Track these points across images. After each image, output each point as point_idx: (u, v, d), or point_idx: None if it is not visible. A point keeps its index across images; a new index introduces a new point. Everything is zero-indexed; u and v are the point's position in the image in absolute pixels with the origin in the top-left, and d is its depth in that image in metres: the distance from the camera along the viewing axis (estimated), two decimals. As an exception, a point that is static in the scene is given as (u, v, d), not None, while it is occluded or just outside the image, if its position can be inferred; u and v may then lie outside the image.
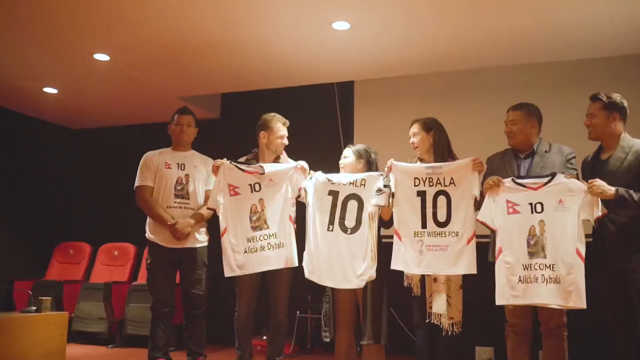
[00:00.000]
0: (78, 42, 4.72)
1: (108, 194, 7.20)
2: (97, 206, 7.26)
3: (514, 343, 3.43)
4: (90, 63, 5.12)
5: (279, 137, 3.92)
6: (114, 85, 5.79)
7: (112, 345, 5.74)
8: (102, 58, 5.02)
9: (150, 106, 6.42)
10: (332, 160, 4.17)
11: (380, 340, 3.53)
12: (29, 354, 4.07)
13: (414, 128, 3.67)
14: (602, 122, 3.28)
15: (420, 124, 3.65)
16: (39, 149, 7.09)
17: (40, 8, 4.17)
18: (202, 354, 4.05)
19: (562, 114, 4.66)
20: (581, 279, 3.09)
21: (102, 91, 5.99)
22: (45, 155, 7.18)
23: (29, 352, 4.07)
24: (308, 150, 4.20)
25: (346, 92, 6.04)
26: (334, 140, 5.90)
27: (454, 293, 3.45)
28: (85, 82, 5.75)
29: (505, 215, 3.30)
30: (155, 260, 4.02)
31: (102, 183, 7.30)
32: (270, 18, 4.34)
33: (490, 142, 3.99)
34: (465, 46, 4.80)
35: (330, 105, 6.05)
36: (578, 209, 3.14)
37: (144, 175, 4.13)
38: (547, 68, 5.28)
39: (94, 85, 5.82)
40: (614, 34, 4.52)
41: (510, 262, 3.25)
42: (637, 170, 3.14)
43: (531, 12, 4.18)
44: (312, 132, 5.70)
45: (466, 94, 5.56)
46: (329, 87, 5.98)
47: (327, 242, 3.61)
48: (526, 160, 3.48)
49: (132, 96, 6.13)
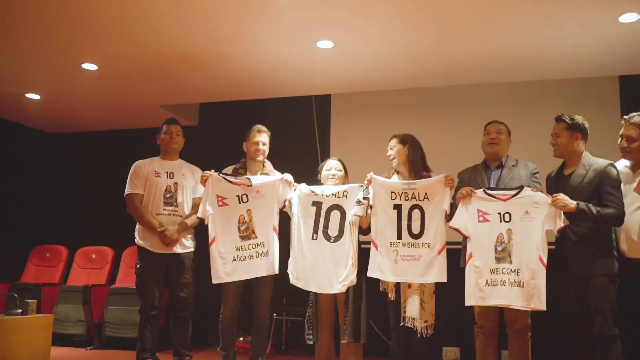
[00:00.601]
0: (68, 51, 4.81)
1: (85, 197, 7.23)
2: (74, 210, 7.26)
3: (483, 343, 3.64)
4: (78, 71, 5.21)
5: (253, 143, 4.10)
6: (99, 93, 5.87)
7: (90, 347, 5.78)
8: (90, 67, 5.13)
9: (132, 113, 6.50)
10: (309, 169, 4.36)
11: (360, 339, 3.74)
12: (15, 356, 4.10)
13: (391, 142, 3.89)
14: (566, 141, 3.50)
15: (398, 138, 3.88)
16: (16, 152, 7.05)
17: (32, 19, 4.25)
18: (188, 354, 4.16)
19: (528, 130, 4.91)
20: (542, 283, 3.34)
21: (87, 98, 6.05)
22: (22, 158, 7.15)
23: (15, 354, 4.10)
24: (285, 160, 4.37)
25: (323, 104, 6.20)
26: (311, 151, 6.07)
27: (428, 298, 3.68)
28: (71, 89, 5.82)
29: (476, 223, 3.53)
30: (145, 265, 4.11)
31: (79, 187, 7.31)
32: (259, 36, 4.52)
33: (462, 156, 4.24)
34: (439, 65, 5.05)
35: (307, 117, 6.20)
36: (542, 220, 3.39)
37: (134, 183, 4.21)
38: (515, 87, 5.56)
39: (79, 93, 5.88)
40: (577, 58, 4.84)
41: (479, 266, 3.49)
42: (596, 186, 3.36)
43: (501, 35, 4.46)
44: (289, 142, 5.82)
45: (439, 110, 5.78)
46: (307, 99, 6.13)
47: (312, 250, 3.80)
48: (496, 172, 3.71)
49: (114, 103, 6.20)
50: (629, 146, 3.46)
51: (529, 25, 4.29)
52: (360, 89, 5.76)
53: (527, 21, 4.23)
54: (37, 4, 4.04)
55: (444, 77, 5.36)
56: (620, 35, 4.38)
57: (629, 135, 3.45)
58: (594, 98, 5.34)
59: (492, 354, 3.63)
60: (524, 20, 4.21)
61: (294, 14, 4.15)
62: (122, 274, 6.28)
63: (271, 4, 4.01)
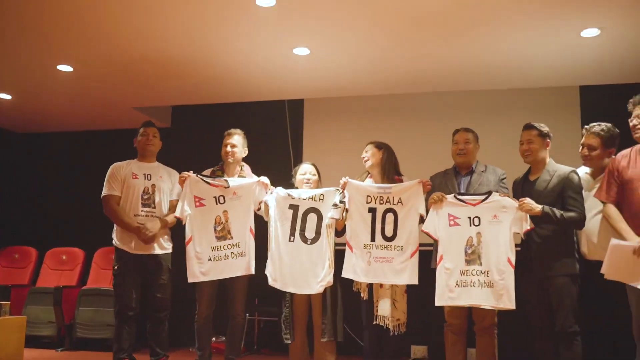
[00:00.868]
0: (44, 53, 4.82)
1: (55, 198, 7.16)
2: (43, 211, 7.19)
3: (452, 341, 3.80)
4: (53, 73, 5.21)
5: (224, 146, 4.17)
6: (73, 94, 5.87)
7: (61, 348, 5.74)
8: (65, 69, 5.14)
9: (104, 114, 6.51)
10: (282, 173, 4.45)
11: (337, 337, 3.87)
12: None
13: (367, 147, 4.03)
14: (538, 148, 3.65)
15: (374, 144, 4.02)
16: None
17: (9, 21, 4.26)
18: (165, 354, 4.19)
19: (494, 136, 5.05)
20: (511, 283, 3.50)
21: (60, 99, 6.05)
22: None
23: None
24: (258, 163, 4.43)
25: (296, 109, 6.28)
26: (284, 155, 6.15)
27: (400, 297, 3.82)
28: (45, 90, 5.80)
29: (447, 227, 3.67)
30: (122, 266, 4.13)
31: (49, 188, 7.25)
32: (237, 42, 4.62)
33: (431, 160, 4.41)
34: (410, 73, 5.23)
35: (280, 121, 6.27)
36: (510, 223, 3.54)
37: (111, 185, 4.22)
38: (482, 95, 5.76)
39: (53, 93, 5.87)
40: (540, 69, 5.07)
41: (449, 268, 3.63)
42: (560, 191, 3.53)
43: (469, 47, 4.65)
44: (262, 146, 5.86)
45: (410, 116, 5.94)
46: (280, 103, 6.22)
47: (289, 252, 3.89)
48: (466, 178, 3.86)
49: (88, 104, 6.20)
50: (589, 154, 3.64)
51: (496, 37, 4.49)
52: (333, 94, 5.88)
53: (494, 33, 4.43)
54: (15, 7, 4.05)
55: (415, 85, 5.54)
56: (581, 48, 4.61)
57: (590, 144, 3.63)
58: (556, 106, 5.57)
59: (460, 350, 3.79)
60: (491, 32, 4.41)
61: (272, 21, 4.25)
62: (94, 275, 6.24)
63: (250, 12, 4.10)
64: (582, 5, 3.98)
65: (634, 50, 4.65)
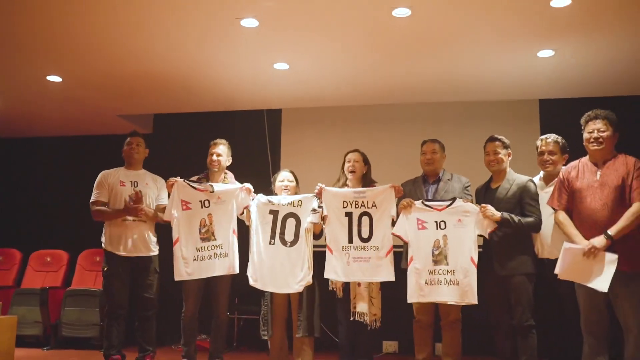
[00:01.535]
0: (34, 64, 5.00)
1: (39, 201, 7.22)
2: (28, 213, 7.25)
3: (420, 335, 4.05)
4: (43, 83, 5.38)
5: (209, 155, 4.37)
6: (61, 102, 6.01)
7: (47, 347, 5.85)
8: (55, 79, 5.32)
9: (90, 121, 6.64)
10: (261, 179, 4.65)
11: (314, 333, 4.10)
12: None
13: (354, 156, 4.22)
14: (504, 158, 3.95)
15: (362, 155, 4.24)
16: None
17: (2, 34, 4.43)
18: (152, 350, 4.37)
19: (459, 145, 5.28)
20: (474, 281, 3.78)
21: (49, 107, 6.18)
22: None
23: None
24: (237, 171, 4.60)
25: (274, 118, 6.47)
26: (263, 162, 6.32)
27: (375, 294, 4.08)
28: (34, 98, 5.95)
29: (416, 231, 3.93)
30: (112, 268, 4.28)
31: (32, 191, 7.30)
32: (220, 58, 4.87)
33: (401, 168, 4.66)
34: (383, 85, 5.51)
35: (259, 129, 6.45)
36: (473, 226, 3.83)
37: (99, 191, 4.36)
38: (449, 106, 6.04)
39: (41, 102, 6.02)
40: (502, 83, 5.41)
41: (419, 268, 3.89)
42: (519, 198, 3.84)
43: (437, 62, 4.95)
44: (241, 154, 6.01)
45: (382, 125, 6.18)
46: (259, 112, 6.41)
47: (270, 254, 4.12)
48: (433, 186, 4.13)
49: (75, 112, 6.34)
50: (551, 159, 3.96)
51: (461, 55, 4.82)
52: (310, 104, 6.13)
53: (460, 53, 4.76)
54: (7, 22, 4.23)
55: (387, 96, 5.82)
56: (539, 67, 4.96)
57: (551, 150, 3.96)
58: (517, 118, 5.90)
59: (428, 343, 4.05)
60: (457, 51, 4.74)
61: (255, 40, 4.50)
62: (78, 276, 6.37)
63: (235, 32, 4.34)
64: (538, 29, 4.33)
65: (586, 69, 5.03)
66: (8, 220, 7.28)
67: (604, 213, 3.34)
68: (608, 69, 5.02)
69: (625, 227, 3.24)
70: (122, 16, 4.21)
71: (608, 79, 5.24)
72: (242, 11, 4.10)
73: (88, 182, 4.50)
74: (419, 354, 4.04)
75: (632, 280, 3.25)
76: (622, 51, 4.67)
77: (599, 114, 3.47)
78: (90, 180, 4.49)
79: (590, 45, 4.59)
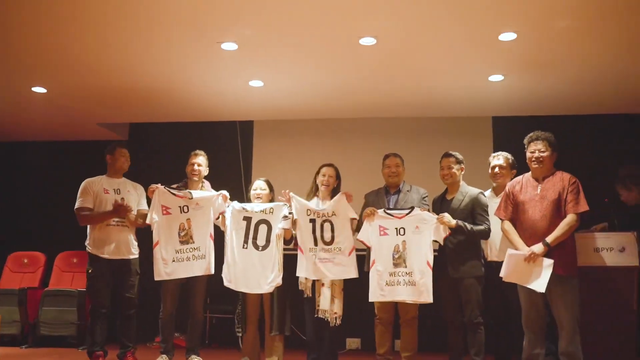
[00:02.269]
0: (20, 76, 5.17)
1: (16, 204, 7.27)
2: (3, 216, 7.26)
3: (381, 332, 4.32)
4: (28, 93, 5.55)
5: (190, 164, 4.62)
6: (45, 112, 6.14)
7: (25, 345, 5.93)
8: (40, 90, 5.48)
9: (70, 128, 6.77)
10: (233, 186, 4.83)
11: (284, 331, 4.36)
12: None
13: (329, 171, 4.48)
14: (457, 173, 4.27)
15: (336, 171, 4.49)
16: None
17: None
18: (132, 346, 4.56)
19: (417, 158, 5.52)
20: (430, 282, 4.07)
21: (33, 115, 6.29)
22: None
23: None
24: (211, 177, 4.81)
25: (247, 129, 6.66)
26: (235, 170, 6.52)
27: (338, 294, 4.33)
28: (20, 108, 6.11)
29: (378, 237, 4.23)
30: (96, 270, 4.46)
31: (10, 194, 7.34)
32: (199, 74, 5.11)
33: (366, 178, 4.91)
34: (349, 101, 5.81)
35: (232, 139, 6.64)
36: (429, 233, 4.12)
37: (84, 198, 4.51)
38: (408, 122, 6.33)
39: (27, 111, 6.16)
40: (457, 102, 5.74)
41: (380, 270, 4.18)
42: (471, 208, 4.15)
43: (397, 81, 5.26)
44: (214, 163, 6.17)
45: (348, 137, 6.45)
46: (232, 123, 6.61)
47: (243, 257, 4.37)
48: (394, 196, 4.43)
49: (57, 120, 6.46)
50: (500, 172, 4.34)
51: (421, 77, 5.17)
52: (280, 117, 6.38)
53: (420, 75, 5.12)
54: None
55: (353, 111, 6.12)
56: (491, 88, 5.33)
57: (501, 165, 4.34)
58: (472, 133, 6.22)
59: (388, 339, 4.34)
60: (417, 73, 5.11)
61: (233, 61, 4.77)
62: (55, 277, 6.46)
63: (215, 53, 4.61)
64: (489, 58, 4.73)
65: (533, 92, 5.43)
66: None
67: (543, 223, 3.69)
68: (553, 92, 5.42)
69: (560, 235, 3.61)
70: (110, 36, 4.41)
71: (553, 100, 5.64)
72: (223, 36, 4.36)
73: (66, 186, 4.62)
74: (380, 349, 4.31)
75: (566, 282, 3.62)
76: (564, 78, 5.07)
77: (539, 135, 3.81)
78: (68, 184, 4.61)
79: (535, 72, 4.98)
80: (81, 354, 5.31)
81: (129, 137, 7.19)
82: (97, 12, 4.00)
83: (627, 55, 4.57)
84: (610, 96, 5.49)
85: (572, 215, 3.65)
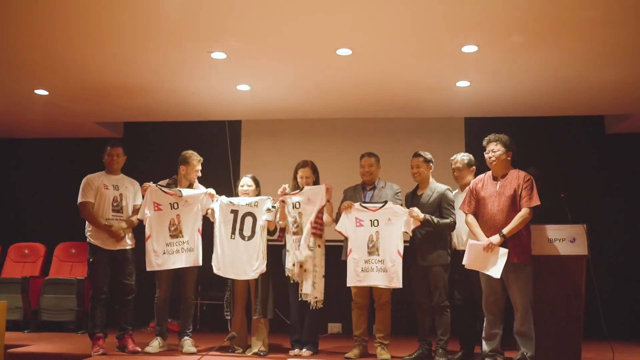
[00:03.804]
0: (24, 79, 5.37)
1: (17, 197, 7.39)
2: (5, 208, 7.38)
3: (357, 315, 4.63)
4: (30, 96, 5.74)
5: (195, 171, 4.84)
6: (46, 112, 6.31)
7: (28, 330, 6.12)
8: (42, 93, 5.66)
9: (69, 126, 6.93)
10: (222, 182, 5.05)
11: (267, 315, 4.63)
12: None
13: (305, 172, 4.70)
14: (425, 171, 4.55)
15: (311, 168, 4.71)
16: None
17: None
18: (130, 329, 4.76)
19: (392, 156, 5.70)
20: (400, 269, 4.36)
21: (35, 115, 6.46)
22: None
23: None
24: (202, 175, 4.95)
25: (235, 128, 6.85)
26: (224, 167, 6.69)
27: (318, 280, 4.54)
28: (23, 109, 6.30)
29: (354, 228, 4.51)
30: (96, 259, 4.64)
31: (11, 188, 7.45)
32: (191, 78, 5.33)
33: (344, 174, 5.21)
34: (330, 103, 6.02)
35: (221, 137, 6.82)
36: (400, 225, 4.41)
37: (86, 193, 4.69)
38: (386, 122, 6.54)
39: (29, 112, 6.34)
40: (431, 103, 5.96)
41: (356, 258, 4.47)
42: (438, 203, 4.43)
43: (375, 86, 5.50)
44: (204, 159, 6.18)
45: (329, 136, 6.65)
46: (221, 123, 6.79)
47: (230, 247, 4.65)
48: (370, 192, 4.70)
49: (57, 119, 6.63)
50: (458, 174, 4.64)
51: (394, 82, 5.39)
52: (267, 117, 6.58)
53: (393, 80, 5.34)
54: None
55: (334, 112, 6.33)
56: (460, 93, 5.58)
57: (459, 167, 4.63)
58: (445, 133, 6.45)
59: (364, 322, 4.64)
60: (390, 79, 5.32)
61: (221, 68, 4.99)
62: (55, 266, 6.63)
63: (205, 62, 4.85)
64: (455, 67, 4.98)
65: (498, 96, 5.72)
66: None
67: (500, 217, 3.98)
68: (516, 96, 5.69)
69: (514, 227, 3.90)
70: (110, 47, 4.63)
71: (517, 103, 5.91)
72: (213, 47, 4.61)
73: (64, 181, 4.77)
74: (356, 331, 4.62)
75: (520, 269, 3.92)
76: (526, 83, 5.32)
77: (493, 138, 4.10)
78: (66, 179, 4.75)
79: (498, 79, 5.25)
80: (80, 337, 5.59)
81: (123, 135, 7.32)
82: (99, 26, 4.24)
83: (578, 64, 4.86)
84: (566, 100, 5.78)
85: (525, 209, 3.93)
